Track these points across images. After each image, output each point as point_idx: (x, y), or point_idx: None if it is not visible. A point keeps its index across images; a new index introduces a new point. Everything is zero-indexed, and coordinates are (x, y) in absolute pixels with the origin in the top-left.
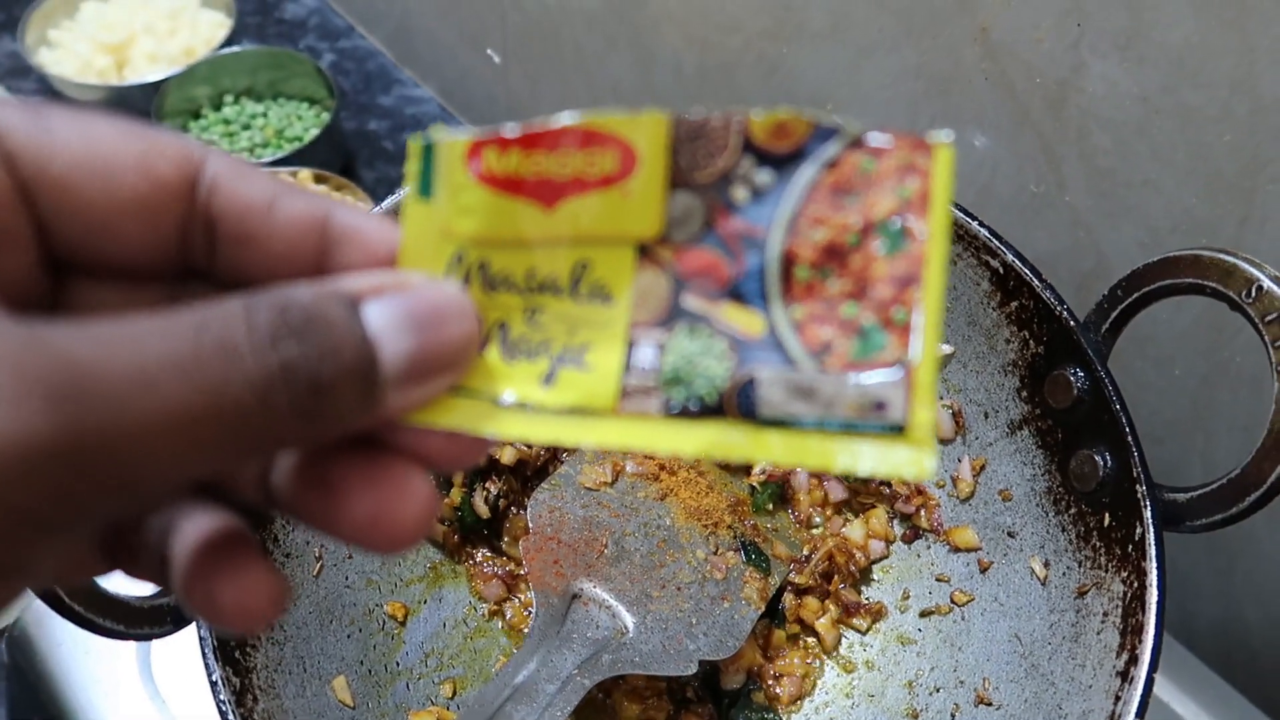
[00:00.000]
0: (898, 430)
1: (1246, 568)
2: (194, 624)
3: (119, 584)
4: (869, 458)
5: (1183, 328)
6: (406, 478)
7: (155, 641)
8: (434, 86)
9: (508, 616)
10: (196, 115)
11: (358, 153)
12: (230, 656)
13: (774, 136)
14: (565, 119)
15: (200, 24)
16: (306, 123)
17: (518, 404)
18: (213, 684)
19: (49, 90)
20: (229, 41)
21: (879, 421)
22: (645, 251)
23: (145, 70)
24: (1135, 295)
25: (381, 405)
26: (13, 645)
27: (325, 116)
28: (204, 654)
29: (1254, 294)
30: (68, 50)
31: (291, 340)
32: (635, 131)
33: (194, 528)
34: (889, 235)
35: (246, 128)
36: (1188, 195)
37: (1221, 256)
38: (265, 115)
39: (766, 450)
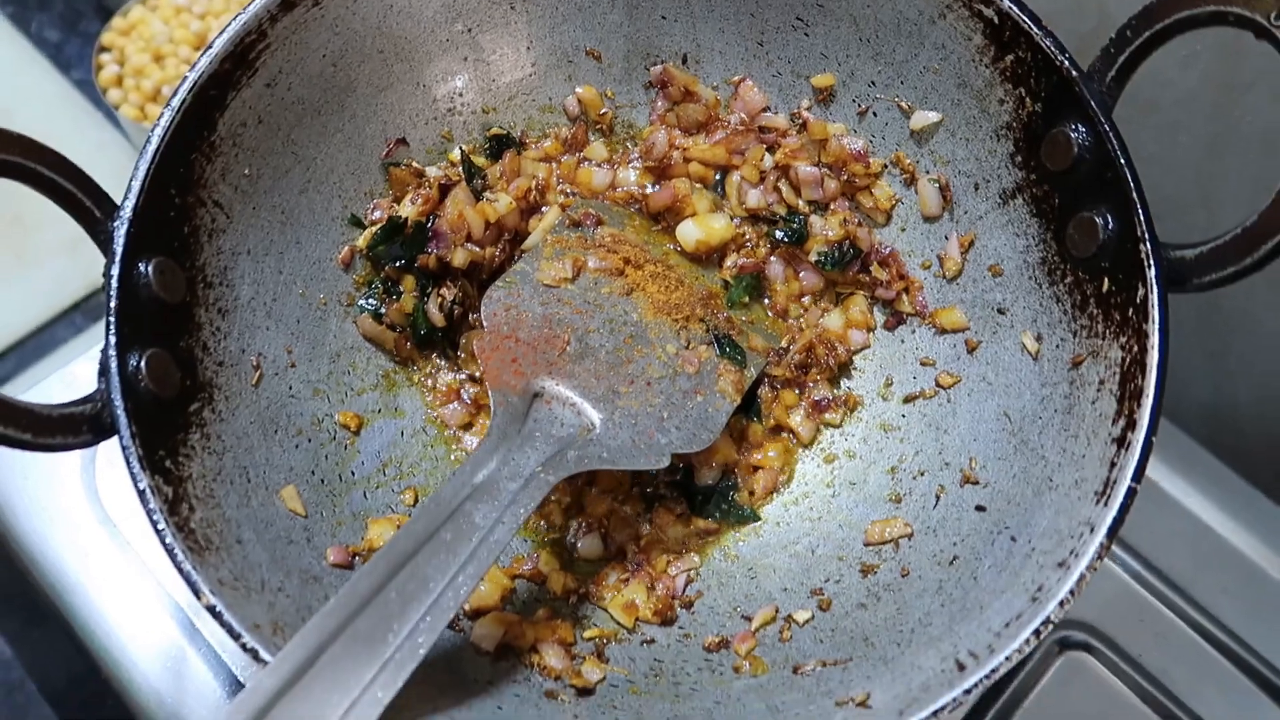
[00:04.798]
0: None
1: (1241, 349)
2: (118, 433)
3: (26, 391)
4: None
5: (1189, 88)
6: None
7: (100, 461)
8: None
9: (465, 444)
10: None
11: None
12: (159, 465)
13: None
14: None
15: None
16: None
17: None
18: (140, 493)
19: None
20: None
21: None
22: None
23: None
24: (1147, 34)
25: None
26: None
27: None
28: (129, 463)
29: None
30: None
31: None
32: None
33: None
34: None
35: None
36: None
37: None
38: None
39: None
